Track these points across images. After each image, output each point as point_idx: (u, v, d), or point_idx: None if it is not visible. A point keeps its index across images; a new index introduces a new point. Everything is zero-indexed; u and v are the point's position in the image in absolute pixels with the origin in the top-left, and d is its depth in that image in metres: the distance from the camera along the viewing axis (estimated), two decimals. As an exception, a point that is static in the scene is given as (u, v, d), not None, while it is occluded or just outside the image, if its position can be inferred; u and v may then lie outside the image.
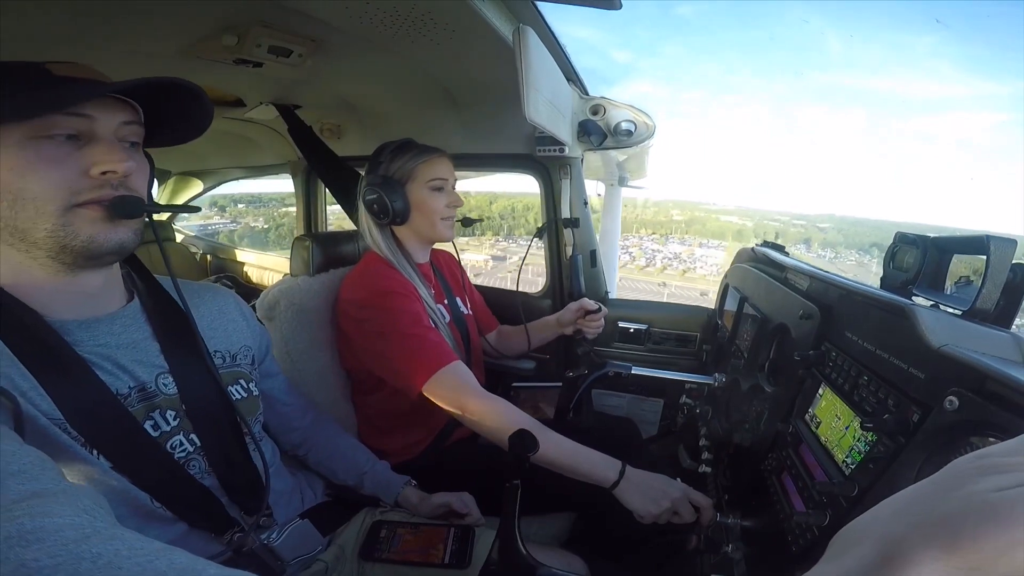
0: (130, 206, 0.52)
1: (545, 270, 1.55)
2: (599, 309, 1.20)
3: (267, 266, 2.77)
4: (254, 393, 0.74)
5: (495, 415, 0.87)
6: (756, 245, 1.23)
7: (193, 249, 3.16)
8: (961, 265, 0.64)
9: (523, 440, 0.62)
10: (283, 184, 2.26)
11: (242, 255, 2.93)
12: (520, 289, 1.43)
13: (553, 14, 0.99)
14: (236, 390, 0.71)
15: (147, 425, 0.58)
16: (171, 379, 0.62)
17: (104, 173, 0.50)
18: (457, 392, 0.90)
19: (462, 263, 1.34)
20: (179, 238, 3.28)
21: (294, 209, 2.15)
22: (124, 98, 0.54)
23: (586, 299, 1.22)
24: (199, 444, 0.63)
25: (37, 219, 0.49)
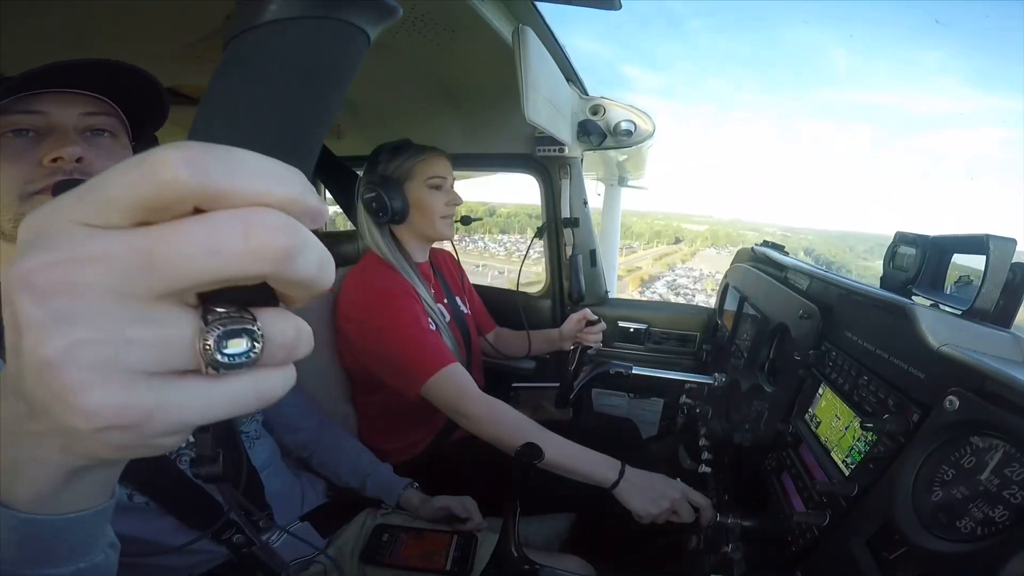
0: (70, 188, 0.52)
1: (545, 270, 1.55)
2: (598, 320, 1.20)
3: None
4: None
5: (493, 417, 0.87)
6: (756, 245, 1.23)
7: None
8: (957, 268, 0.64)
9: (528, 451, 0.64)
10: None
11: None
12: (507, 287, 1.43)
13: (553, 15, 0.99)
14: None
15: None
16: None
17: (54, 161, 0.51)
18: (455, 394, 0.90)
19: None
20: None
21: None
22: (84, 91, 0.55)
23: (587, 310, 1.22)
24: (192, 440, 0.64)
25: (0, 211, 0.51)
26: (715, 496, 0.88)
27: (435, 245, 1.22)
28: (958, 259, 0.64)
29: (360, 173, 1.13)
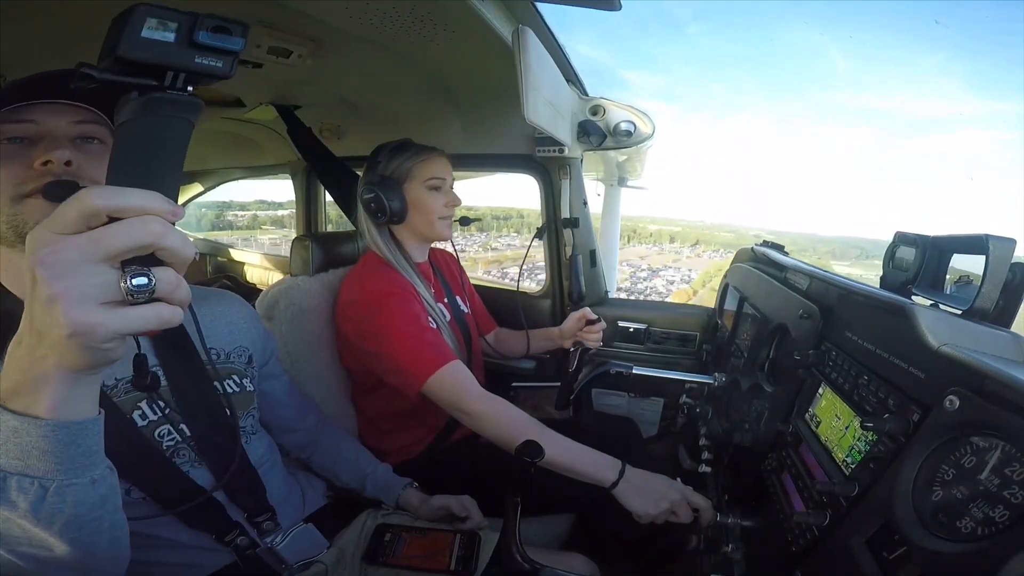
0: (60, 189, 0.54)
1: (545, 270, 1.56)
2: (598, 320, 1.19)
3: (267, 266, 2.76)
4: (247, 389, 0.75)
5: (495, 415, 0.87)
6: (756, 245, 1.23)
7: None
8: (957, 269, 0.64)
9: (528, 448, 0.64)
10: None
11: (242, 255, 2.92)
12: (510, 287, 1.43)
13: (553, 16, 0.99)
14: (228, 384, 0.73)
15: (135, 415, 0.61)
16: (161, 372, 0.65)
17: (45, 164, 0.53)
18: (457, 392, 0.90)
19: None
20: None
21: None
22: (72, 102, 0.57)
23: (587, 308, 1.22)
24: (188, 434, 0.65)
25: None
26: (715, 496, 0.88)
27: (435, 245, 1.22)
28: (957, 259, 0.64)
29: (360, 173, 1.13)
